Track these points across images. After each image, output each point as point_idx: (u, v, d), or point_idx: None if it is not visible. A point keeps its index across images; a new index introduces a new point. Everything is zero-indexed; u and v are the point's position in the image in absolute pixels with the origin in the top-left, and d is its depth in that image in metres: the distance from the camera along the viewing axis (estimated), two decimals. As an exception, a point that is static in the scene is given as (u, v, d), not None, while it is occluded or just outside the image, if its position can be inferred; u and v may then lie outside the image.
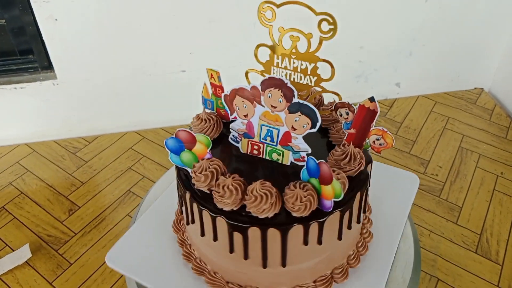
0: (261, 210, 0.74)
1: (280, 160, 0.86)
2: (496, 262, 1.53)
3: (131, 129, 2.10)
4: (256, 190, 0.74)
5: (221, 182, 0.76)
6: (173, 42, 1.88)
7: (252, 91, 0.80)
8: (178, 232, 0.97)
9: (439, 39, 2.11)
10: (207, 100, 0.91)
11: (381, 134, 0.85)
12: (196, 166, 0.78)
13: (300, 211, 0.74)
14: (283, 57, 0.85)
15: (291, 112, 0.79)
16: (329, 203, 0.74)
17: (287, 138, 0.83)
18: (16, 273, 1.51)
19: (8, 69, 1.90)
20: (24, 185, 1.83)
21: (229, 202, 0.75)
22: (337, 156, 0.82)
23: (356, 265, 0.92)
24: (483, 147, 1.98)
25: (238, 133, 0.86)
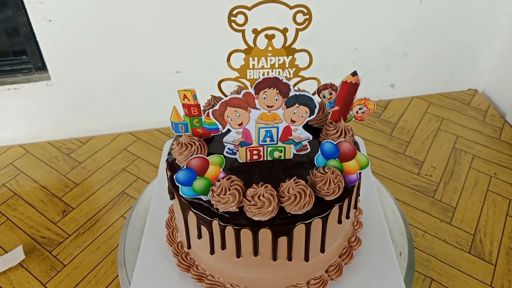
0: (302, 206, 0.74)
1: (282, 156, 0.86)
2: (490, 262, 1.54)
3: (125, 130, 2.09)
4: (291, 189, 0.74)
5: (253, 194, 0.74)
6: (167, 43, 1.87)
7: (245, 97, 0.80)
8: (190, 269, 0.94)
9: (433, 40, 2.12)
10: (178, 124, 0.86)
11: (364, 103, 0.89)
12: (216, 190, 0.75)
13: (335, 193, 0.76)
14: (259, 57, 0.84)
15: (289, 106, 0.79)
16: (355, 176, 0.79)
17: (287, 132, 0.83)
18: (9, 275, 1.50)
19: (2, 70, 1.89)
20: (18, 187, 1.83)
21: (270, 210, 0.74)
22: (331, 134, 0.85)
23: (360, 230, 0.99)
24: (476, 148, 1.99)
25: (234, 144, 0.85)
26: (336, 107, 0.89)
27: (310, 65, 0.86)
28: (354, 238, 0.97)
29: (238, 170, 0.85)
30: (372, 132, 2.08)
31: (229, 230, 0.77)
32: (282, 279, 0.87)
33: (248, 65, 0.86)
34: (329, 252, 0.88)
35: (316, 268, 0.89)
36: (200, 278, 0.91)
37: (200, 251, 0.89)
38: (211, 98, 1.01)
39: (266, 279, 0.87)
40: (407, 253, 0.99)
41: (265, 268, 0.84)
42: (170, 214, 1.05)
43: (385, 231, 0.98)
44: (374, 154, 1.95)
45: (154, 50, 1.88)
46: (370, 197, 1.07)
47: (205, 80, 1.98)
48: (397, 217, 1.09)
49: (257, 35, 0.83)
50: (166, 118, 2.15)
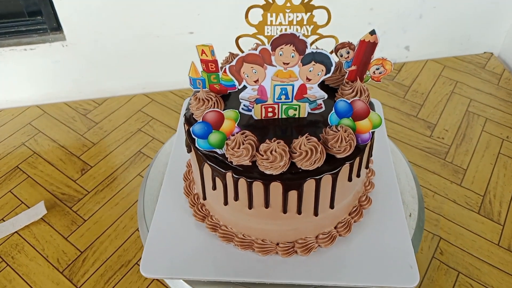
0: (313, 162, 0.77)
1: (297, 114, 0.88)
2: (498, 223, 1.57)
3: (140, 91, 2.12)
4: (303, 145, 0.76)
5: (266, 149, 0.76)
6: (180, 3, 1.86)
7: (261, 53, 0.81)
8: (205, 219, 0.97)
9: (450, 1, 2.08)
10: (196, 79, 0.88)
11: (381, 63, 0.89)
12: (230, 143, 0.77)
13: (346, 151, 0.78)
14: (277, 13, 0.84)
15: (305, 64, 0.80)
16: (368, 135, 0.80)
17: (303, 90, 0.84)
18: (32, 229, 1.57)
19: (18, 31, 1.91)
20: (37, 146, 1.88)
21: (281, 164, 0.76)
22: (347, 94, 0.86)
23: (371, 190, 1.02)
24: (490, 111, 1.98)
25: (249, 101, 0.86)
26: (353, 67, 0.90)
27: (329, 23, 0.86)
28: (364, 198, 0.99)
29: (253, 127, 0.87)
30: (385, 95, 2.08)
31: (242, 182, 0.80)
32: (291, 232, 0.91)
33: (266, 21, 0.86)
34: (339, 209, 0.91)
35: (325, 223, 0.92)
36: (214, 228, 0.95)
37: (215, 202, 0.93)
38: (229, 55, 1.02)
39: (276, 231, 0.90)
40: (416, 214, 1.02)
41: (275, 220, 0.87)
42: (188, 168, 1.09)
43: (397, 192, 1.01)
44: (387, 117, 1.95)
45: (168, 11, 1.88)
46: (383, 158, 1.09)
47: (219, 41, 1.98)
48: (409, 179, 1.10)
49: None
50: (180, 79, 2.16)
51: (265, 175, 0.78)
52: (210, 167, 0.83)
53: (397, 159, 1.19)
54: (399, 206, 0.99)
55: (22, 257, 1.50)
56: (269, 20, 0.86)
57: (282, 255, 0.91)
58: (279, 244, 0.91)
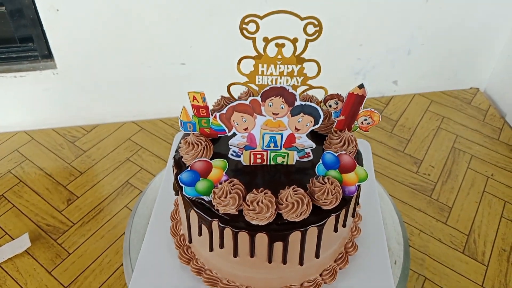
0: (299, 214, 0.77)
1: (285, 162, 0.89)
2: (482, 263, 1.58)
3: (130, 119, 2.12)
4: (290, 197, 0.77)
5: (253, 200, 0.77)
6: (173, 34, 1.88)
7: (251, 104, 0.82)
8: (190, 262, 0.98)
9: (438, 39, 2.13)
10: (187, 123, 0.90)
11: (369, 115, 0.92)
12: (218, 192, 0.78)
13: (332, 203, 0.79)
14: (268, 64, 0.86)
15: (294, 115, 0.82)
16: (354, 187, 0.82)
17: (291, 139, 0.86)
18: (16, 262, 1.55)
19: (8, 57, 1.90)
20: (23, 173, 1.86)
21: (267, 216, 0.76)
22: (335, 143, 0.89)
23: (358, 235, 1.02)
24: (475, 148, 2.02)
25: (239, 147, 0.88)
26: (341, 117, 0.92)
27: (318, 75, 0.88)
28: (351, 244, 1.00)
29: (241, 172, 0.89)
30: (373, 129, 2.07)
31: (228, 231, 0.81)
32: (276, 280, 0.91)
33: (257, 71, 0.88)
34: (324, 257, 0.92)
35: (311, 272, 0.93)
36: (199, 272, 0.96)
37: (200, 247, 0.93)
38: (220, 98, 1.04)
39: (261, 279, 0.91)
40: (401, 262, 1.03)
41: (260, 269, 0.88)
42: (175, 207, 1.09)
43: (383, 239, 1.02)
44: (374, 152, 1.96)
45: (160, 41, 1.89)
46: (371, 202, 1.10)
47: (209, 72, 2.00)
48: (395, 224, 1.12)
49: (267, 43, 0.84)
50: (170, 108, 2.17)
51: (251, 225, 0.79)
52: (196, 213, 0.84)
53: (384, 202, 1.20)
54: (385, 254, 1.00)
55: (4, 291, 1.47)
56: (260, 70, 0.88)
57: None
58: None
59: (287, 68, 0.87)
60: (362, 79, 2.18)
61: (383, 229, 1.05)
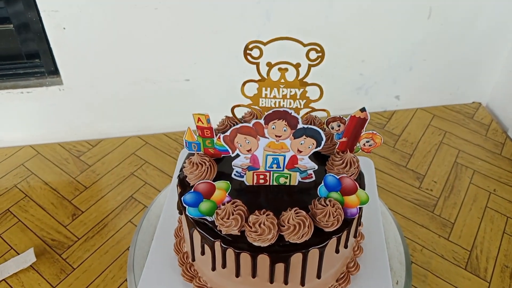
0: (301, 236, 0.79)
1: (287, 182, 0.91)
2: (484, 279, 1.58)
3: (134, 134, 2.14)
4: (292, 219, 0.78)
5: (255, 221, 0.78)
6: (177, 51, 1.91)
7: (255, 126, 0.84)
8: (193, 280, 0.99)
9: (440, 54, 2.14)
10: (192, 143, 0.92)
11: (371, 137, 0.93)
12: (221, 213, 0.80)
13: (334, 225, 0.80)
14: (271, 88, 0.88)
15: (296, 137, 0.84)
16: (355, 210, 0.83)
17: (294, 161, 0.88)
18: (20, 277, 1.56)
19: (15, 73, 1.93)
20: (29, 188, 1.88)
21: (269, 237, 0.78)
22: (337, 165, 0.90)
23: (360, 255, 1.03)
24: (478, 163, 2.02)
25: (242, 168, 0.90)
26: (344, 139, 0.94)
27: (321, 98, 0.90)
28: (353, 264, 1.02)
29: (244, 192, 0.91)
30: (375, 144, 2.11)
31: (230, 251, 0.82)
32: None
33: (260, 94, 0.90)
34: (326, 277, 0.93)
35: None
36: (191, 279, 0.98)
37: (203, 265, 0.95)
38: (225, 118, 1.06)
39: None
40: (403, 282, 1.04)
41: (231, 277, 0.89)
42: (179, 224, 1.10)
43: (385, 259, 1.03)
44: (376, 167, 1.98)
45: (165, 58, 1.92)
46: (373, 222, 1.11)
47: (212, 88, 2.03)
48: (398, 244, 1.13)
49: (271, 68, 0.86)
50: (175, 123, 2.19)
51: (253, 246, 0.80)
52: (199, 233, 0.86)
53: (387, 221, 1.21)
54: (387, 274, 1.01)
55: (9, 307, 1.49)
56: (264, 93, 0.90)
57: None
58: None
59: (290, 91, 0.89)
60: (365, 94, 2.20)
61: (385, 249, 1.05)
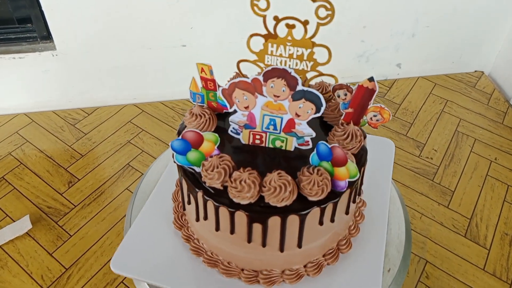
0: (281, 199, 0.76)
1: (283, 146, 0.87)
2: (484, 247, 1.58)
3: (130, 102, 2.10)
4: (273, 181, 0.76)
5: (237, 178, 0.76)
6: (174, 16, 1.85)
7: (253, 82, 0.81)
8: (182, 228, 0.99)
9: (443, 21, 2.09)
10: (196, 94, 0.90)
11: (379, 111, 0.87)
12: (206, 165, 0.78)
13: (318, 195, 0.77)
14: (278, 45, 0.84)
15: (295, 99, 0.79)
16: (344, 183, 0.78)
17: (291, 125, 0.84)
18: (17, 243, 1.55)
19: (7, 38, 1.88)
20: (24, 156, 1.85)
21: (248, 196, 0.76)
22: (338, 136, 0.85)
23: (356, 235, 0.98)
24: (479, 131, 2.00)
25: (239, 125, 0.87)
26: (350, 109, 0.88)
27: (329, 62, 0.85)
28: (345, 242, 0.96)
29: (240, 150, 0.88)
30: (376, 112, 2.08)
31: (210, 204, 0.81)
32: (256, 261, 0.90)
33: (266, 50, 0.86)
34: (309, 249, 0.89)
35: (293, 261, 0.91)
36: (188, 239, 0.96)
37: (190, 215, 0.94)
38: (235, 75, 1.02)
39: (242, 258, 0.90)
40: (396, 271, 0.99)
41: (240, 247, 0.86)
42: (177, 187, 1.08)
43: (382, 244, 0.97)
44: (377, 135, 1.96)
45: (161, 23, 1.86)
46: (380, 204, 1.05)
47: (210, 54, 1.97)
48: (401, 232, 1.06)
49: (277, 23, 0.82)
50: (171, 91, 2.15)
51: (233, 202, 0.78)
52: (185, 182, 0.85)
53: (395, 207, 1.12)
54: (379, 260, 0.94)
55: (5, 273, 1.48)
56: (270, 50, 0.86)
57: (244, 281, 0.90)
58: (244, 270, 0.91)
59: (296, 50, 0.85)
60: (366, 61, 2.15)
61: (384, 235, 0.98)
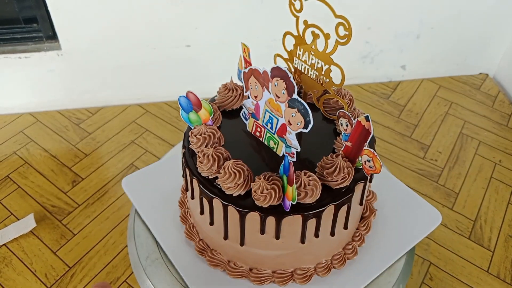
0: (227, 187, 0.77)
1: (275, 149, 0.88)
2: (488, 249, 1.57)
3: (135, 102, 2.11)
4: (229, 168, 0.77)
5: (205, 152, 0.81)
6: (178, 16, 1.86)
7: (263, 75, 0.81)
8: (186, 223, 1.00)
9: (448, 23, 2.09)
10: (241, 71, 0.90)
11: (372, 157, 0.83)
12: (195, 129, 0.84)
13: (260, 200, 0.76)
14: (304, 50, 0.88)
15: (290, 106, 0.79)
16: (288, 203, 0.76)
17: (283, 130, 0.84)
18: (21, 242, 1.56)
19: (13, 38, 1.89)
20: (28, 155, 1.86)
21: (204, 169, 0.80)
22: (324, 163, 0.82)
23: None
24: (483, 134, 1.99)
25: (248, 111, 0.88)
26: (349, 143, 0.86)
27: (342, 84, 0.85)
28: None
29: (244, 136, 0.92)
30: (380, 114, 2.08)
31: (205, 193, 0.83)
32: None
33: (295, 52, 0.91)
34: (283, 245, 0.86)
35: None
36: (184, 221, 1.00)
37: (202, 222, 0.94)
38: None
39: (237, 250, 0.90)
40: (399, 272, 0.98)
41: (234, 242, 0.87)
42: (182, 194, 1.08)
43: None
44: (381, 136, 1.96)
45: (165, 23, 1.87)
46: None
47: (214, 55, 1.98)
48: None
49: (306, 28, 0.85)
50: (175, 91, 2.15)
51: (223, 193, 0.79)
52: (188, 171, 0.86)
53: None
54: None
55: (10, 271, 1.48)
56: (298, 53, 0.90)
57: (229, 274, 0.92)
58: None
59: (317, 62, 0.87)
60: (370, 63, 2.15)
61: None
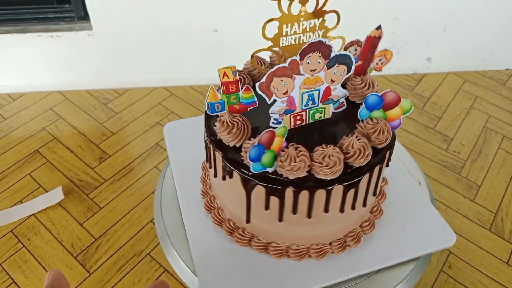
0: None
1: (322, 116, 0.91)
2: (508, 241, 1.57)
3: (161, 85, 2.14)
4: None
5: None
6: (206, 1, 1.88)
7: (290, 65, 0.82)
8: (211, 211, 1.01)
9: (475, 16, 2.07)
10: (215, 104, 0.86)
11: (383, 54, 0.89)
12: (283, 157, 0.78)
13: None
14: (292, 23, 0.85)
15: (330, 67, 0.82)
16: (398, 121, 0.82)
17: (328, 93, 0.87)
18: (49, 213, 1.61)
19: (46, 17, 1.94)
20: (57, 131, 1.91)
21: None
22: (359, 87, 0.89)
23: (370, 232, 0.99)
24: (508, 128, 1.98)
25: (279, 114, 0.88)
26: (359, 62, 0.91)
27: (338, 25, 0.87)
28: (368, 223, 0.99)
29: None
30: (403, 105, 2.08)
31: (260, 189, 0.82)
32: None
33: (281, 32, 0.86)
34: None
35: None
36: (220, 223, 0.99)
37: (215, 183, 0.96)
38: (255, 58, 1.03)
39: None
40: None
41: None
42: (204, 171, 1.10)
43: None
44: (404, 127, 1.96)
45: (193, 7, 1.90)
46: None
47: (241, 39, 2.00)
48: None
49: (291, 2, 0.83)
50: (201, 75, 2.18)
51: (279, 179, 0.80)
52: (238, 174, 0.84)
53: None
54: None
55: (38, 239, 1.53)
56: (285, 31, 0.87)
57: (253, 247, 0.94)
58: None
59: (309, 23, 0.87)
60: (396, 54, 2.15)
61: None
